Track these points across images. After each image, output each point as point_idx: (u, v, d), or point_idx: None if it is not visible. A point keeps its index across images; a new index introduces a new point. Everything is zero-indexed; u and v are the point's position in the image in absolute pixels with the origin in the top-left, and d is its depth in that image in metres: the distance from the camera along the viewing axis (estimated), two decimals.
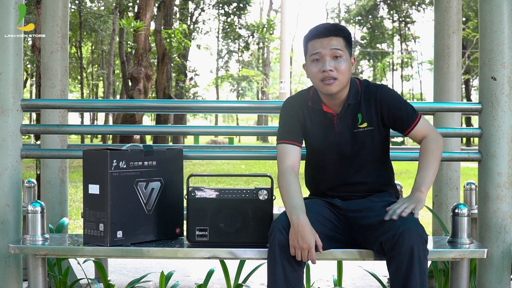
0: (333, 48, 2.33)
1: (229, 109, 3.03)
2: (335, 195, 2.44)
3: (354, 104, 2.40)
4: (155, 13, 15.59)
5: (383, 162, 2.48)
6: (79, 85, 33.27)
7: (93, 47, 34.11)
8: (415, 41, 39.75)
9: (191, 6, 28.44)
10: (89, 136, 32.92)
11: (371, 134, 2.40)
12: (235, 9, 29.07)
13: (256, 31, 28.51)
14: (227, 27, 30.56)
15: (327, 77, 2.33)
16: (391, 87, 2.50)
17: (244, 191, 2.39)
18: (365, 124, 2.40)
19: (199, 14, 29.48)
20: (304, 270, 2.24)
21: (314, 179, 2.54)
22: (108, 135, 21.64)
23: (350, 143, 2.41)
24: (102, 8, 29.57)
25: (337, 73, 2.33)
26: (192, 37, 27.34)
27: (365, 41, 38.48)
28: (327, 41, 2.33)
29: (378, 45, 38.28)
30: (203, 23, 29.60)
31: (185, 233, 2.50)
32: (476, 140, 6.95)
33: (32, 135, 9.60)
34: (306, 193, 2.60)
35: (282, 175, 2.37)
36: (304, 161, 2.59)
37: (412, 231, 2.11)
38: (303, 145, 2.51)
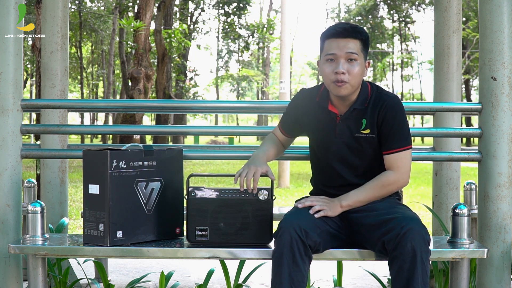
0: (349, 51, 2.32)
1: (229, 109, 3.03)
2: (335, 194, 2.45)
3: (360, 109, 2.40)
4: (155, 13, 15.58)
5: (382, 168, 2.47)
6: (79, 85, 33.29)
7: (93, 47, 34.11)
8: (415, 41, 39.76)
9: (191, 6, 28.43)
10: (89, 136, 32.93)
11: (372, 140, 2.39)
12: (235, 9, 29.05)
13: (256, 31, 28.49)
14: (227, 27, 30.54)
15: (338, 79, 2.33)
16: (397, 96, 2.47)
17: (244, 191, 2.39)
18: (368, 131, 2.38)
19: (199, 14, 29.47)
20: (308, 270, 2.24)
21: (316, 176, 2.56)
22: (108, 135, 21.64)
23: (350, 146, 2.41)
24: (102, 8, 29.58)
25: (349, 76, 2.33)
26: (192, 37, 27.33)
27: None
28: (344, 43, 2.32)
29: (378, 45, 38.28)
30: (203, 23, 29.59)
31: (185, 233, 2.50)
32: (476, 140, 6.96)
33: (32, 135, 9.60)
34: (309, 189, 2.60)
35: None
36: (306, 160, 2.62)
37: (415, 231, 2.11)
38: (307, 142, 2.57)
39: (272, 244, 2.33)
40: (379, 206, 2.34)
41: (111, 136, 18.39)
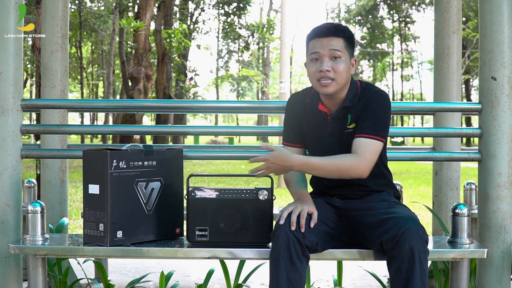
0: (332, 49, 2.32)
1: (229, 109, 3.03)
2: (334, 194, 2.45)
3: (350, 107, 2.39)
4: (155, 13, 15.58)
5: (377, 163, 2.45)
6: (79, 85, 33.30)
7: (93, 47, 34.13)
8: (415, 41, 39.79)
9: (191, 6, 28.45)
10: (89, 136, 32.94)
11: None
12: (235, 9, 29.09)
13: (256, 31, 28.51)
14: (227, 27, 30.57)
15: (323, 77, 2.33)
16: (390, 93, 2.46)
17: (244, 191, 2.39)
18: (353, 125, 2.38)
19: (199, 14, 29.49)
20: (305, 270, 2.24)
21: (315, 177, 2.55)
22: (108, 135, 21.64)
23: (341, 143, 2.40)
24: (102, 8, 29.58)
25: (334, 74, 2.32)
26: (192, 37, 27.35)
27: (365, 41, 38.50)
28: (327, 41, 2.33)
29: (378, 45, 38.30)
30: (203, 23, 29.64)
31: (185, 233, 2.50)
32: (476, 140, 6.96)
33: (32, 135, 9.61)
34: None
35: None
36: None
37: (413, 231, 2.11)
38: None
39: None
40: (378, 206, 2.34)
41: (111, 136, 18.39)
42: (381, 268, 3.32)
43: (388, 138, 2.68)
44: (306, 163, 2.24)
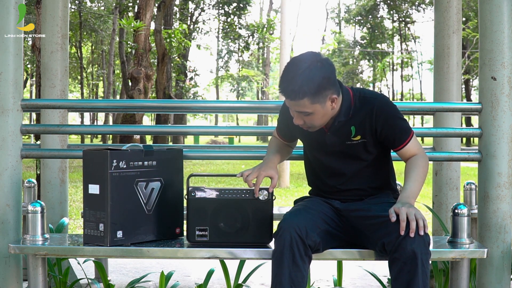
0: (298, 111, 2.28)
1: (229, 109, 3.03)
2: (333, 198, 2.45)
3: (345, 120, 2.37)
4: (155, 13, 15.57)
5: (380, 168, 2.46)
6: (79, 85, 33.30)
7: (93, 47, 34.13)
8: (415, 41, 39.77)
9: (191, 6, 28.45)
10: (89, 136, 32.95)
11: (364, 146, 2.38)
12: (235, 9, 29.08)
13: (256, 31, 28.51)
14: (227, 27, 30.56)
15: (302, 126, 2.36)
16: (390, 93, 2.46)
17: (244, 191, 2.39)
18: (358, 137, 2.36)
19: (199, 14, 29.50)
20: (308, 270, 2.24)
21: (312, 182, 2.56)
22: (108, 135, 21.65)
23: (342, 155, 2.40)
24: (102, 8, 29.58)
25: (309, 123, 2.32)
26: (192, 37, 27.34)
27: (365, 41, 38.50)
28: (292, 103, 2.27)
29: (378, 45, 38.29)
30: (203, 23, 29.62)
31: (185, 233, 2.50)
32: (476, 140, 6.95)
33: (32, 135, 9.61)
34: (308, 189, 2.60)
35: None
36: (302, 161, 2.62)
37: (415, 234, 2.11)
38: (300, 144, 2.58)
39: (272, 244, 2.33)
40: (378, 208, 2.33)
41: (111, 136, 18.40)
42: (381, 268, 3.32)
43: None
44: (414, 196, 2.29)
